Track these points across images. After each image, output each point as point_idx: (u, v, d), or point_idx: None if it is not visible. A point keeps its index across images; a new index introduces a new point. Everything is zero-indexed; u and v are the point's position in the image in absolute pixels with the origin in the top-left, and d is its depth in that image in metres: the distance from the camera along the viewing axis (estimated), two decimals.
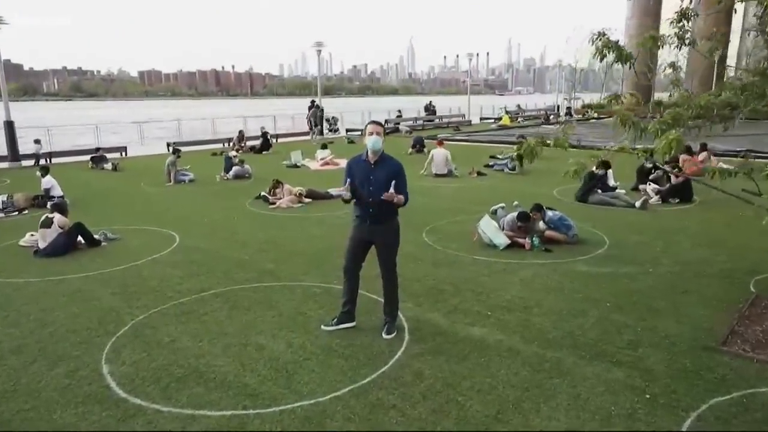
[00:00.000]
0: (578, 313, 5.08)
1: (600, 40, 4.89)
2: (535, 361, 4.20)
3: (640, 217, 9.05)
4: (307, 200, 10.28)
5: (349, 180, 4.46)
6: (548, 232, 7.33)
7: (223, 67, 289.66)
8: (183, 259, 6.94)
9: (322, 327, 4.84)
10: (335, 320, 4.85)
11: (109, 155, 17.17)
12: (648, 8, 49.36)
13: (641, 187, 10.76)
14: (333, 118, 28.57)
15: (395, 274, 4.75)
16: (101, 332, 4.83)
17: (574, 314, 5.07)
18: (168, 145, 20.29)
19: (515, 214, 7.53)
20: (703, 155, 13.26)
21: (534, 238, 7.15)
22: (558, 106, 41.43)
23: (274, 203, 10.07)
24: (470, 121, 34.20)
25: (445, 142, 15.19)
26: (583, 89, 44.12)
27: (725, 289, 5.65)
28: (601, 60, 5.18)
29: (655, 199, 9.85)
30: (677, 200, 9.89)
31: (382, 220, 4.53)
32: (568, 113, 35.90)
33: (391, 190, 4.29)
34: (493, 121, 34.27)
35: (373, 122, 4.58)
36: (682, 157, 12.52)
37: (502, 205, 9.04)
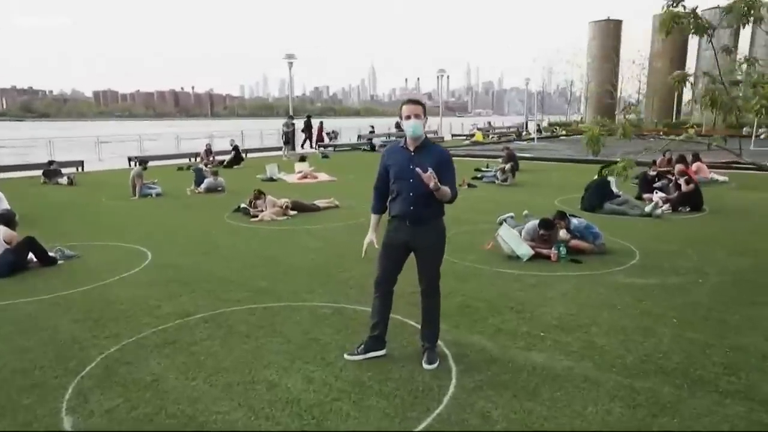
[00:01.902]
0: (646, 332, 4.29)
1: (672, 7, 4.17)
2: (623, 393, 3.35)
3: (659, 226, 8.45)
4: (292, 212, 9.29)
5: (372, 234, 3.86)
6: (574, 241, 6.58)
7: (182, 88, 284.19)
8: (158, 277, 5.85)
9: (346, 356, 3.88)
10: (361, 347, 3.90)
11: (64, 170, 15.71)
12: (609, 30, 50.79)
13: (645, 196, 10.24)
14: (333, 131, 29.35)
15: (438, 289, 3.85)
16: (60, 371, 3.73)
17: (643, 333, 4.27)
18: (130, 159, 18.91)
19: (536, 222, 6.76)
20: (696, 165, 12.94)
21: (561, 248, 6.39)
22: (526, 124, 41.71)
23: (255, 216, 9.04)
24: (443, 137, 33.96)
25: None
26: (540, 111, 44.44)
27: None
28: (667, 35, 4.52)
29: (665, 207, 9.30)
30: (688, 209, 9.37)
31: (425, 219, 3.65)
32: (538, 130, 36.02)
33: (431, 175, 3.35)
34: (465, 137, 34.15)
35: (410, 102, 3.68)
36: (679, 167, 12.14)
37: (511, 214, 8.30)
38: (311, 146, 25.79)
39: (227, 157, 18.32)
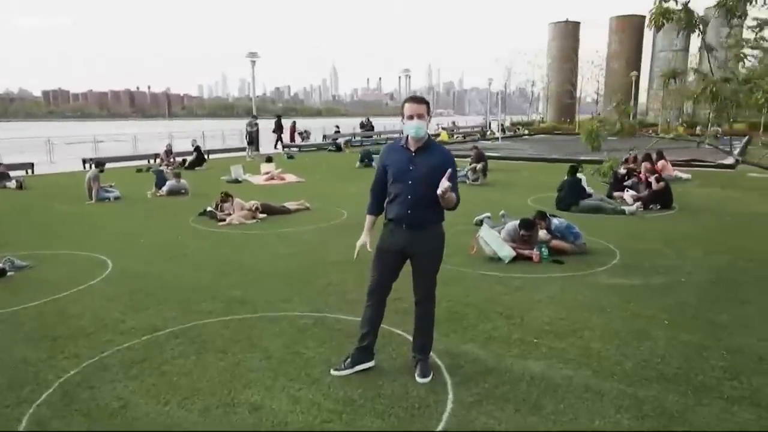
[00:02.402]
0: (640, 335, 4.18)
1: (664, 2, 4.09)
2: (629, 403, 3.20)
3: (633, 224, 8.47)
4: (261, 215, 8.92)
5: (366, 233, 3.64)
6: (555, 242, 6.48)
7: (138, 87, 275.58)
8: (121, 288, 5.43)
9: (333, 372, 3.62)
10: (348, 361, 3.65)
11: (12, 173, 14.80)
12: (567, 31, 51.89)
13: (617, 194, 10.31)
14: (306, 131, 29.48)
15: (434, 298, 3.64)
16: (12, 400, 3.33)
17: (637, 337, 4.15)
18: (84, 161, 18.03)
19: (516, 222, 6.63)
20: (661, 164, 13.16)
21: (543, 249, 6.27)
22: (489, 123, 42.12)
23: (223, 219, 8.63)
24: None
25: None
26: (503, 111, 45.02)
27: None
28: (658, 30, 4.43)
29: (637, 205, 9.35)
30: (658, 206, 9.46)
31: (423, 224, 3.41)
32: (501, 129, 36.37)
33: (444, 182, 3.13)
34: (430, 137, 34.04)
35: (414, 100, 3.40)
36: (645, 165, 12.32)
37: (488, 214, 8.18)
38: (283, 146, 25.32)
39: (189, 158, 17.67)
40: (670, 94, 42.70)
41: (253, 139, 21.83)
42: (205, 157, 18.27)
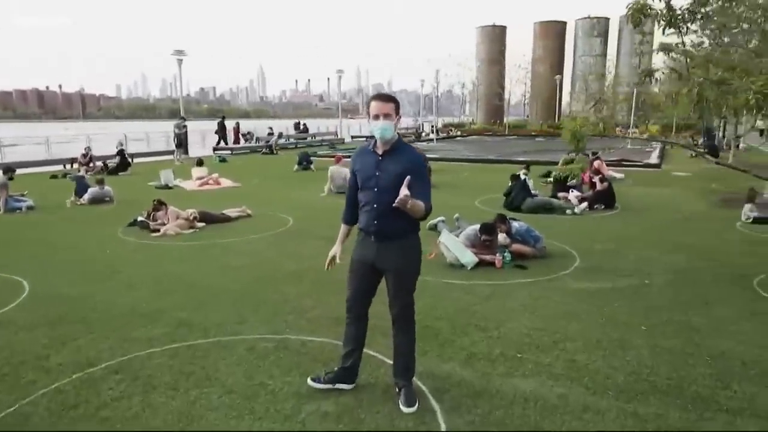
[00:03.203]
0: (622, 344, 4.03)
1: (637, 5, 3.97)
2: (632, 423, 3.00)
3: (581, 224, 8.53)
4: (200, 224, 8.24)
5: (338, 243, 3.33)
6: (515, 246, 6.33)
7: (47, 87, 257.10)
8: (42, 316, 4.68)
9: (309, 381, 3.36)
10: (330, 375, 3.36)
11: None
12: (494, 35, 53.38)
13: (561, 194, 10.41)
14: (249, 132, 29.15)
15: (412, 319, 3.29)
16: None
17: (619, 346, 4.00)
18: None
19: (476, 226, 6.42)
20: (597, 163, 13.52)
21: (506, 254, 6.10)
22: (422, 125, 42.48)
23: (157, 230, 7.88)
24: (343, 139, 33.46)
25: (343, 158, 13.71)
26: (435, 113, 45.70)
27: (739, 295, 5.11)
28: (636, 26, 4.33)
29: (584, 205, 9.47)
30: (602, 206, 9.62)
31: (392, 235, 3.06)
32: (435, 131, 36.76)
33: (404, 190, 2.77)
34: (365, 138, 33.85)
35: (380, 98, 3.04)
36: (589, 166, 12.62)
37: (442, 218, 7.92)
38: (232, 149, 24.35)
39: (112, 162, 16.38)
40: (590, 98, 44.94)
41: (181, 142, 20.61)
42: (130, 161, 17.00)
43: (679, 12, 4.59)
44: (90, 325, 4.45)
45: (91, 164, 16.32)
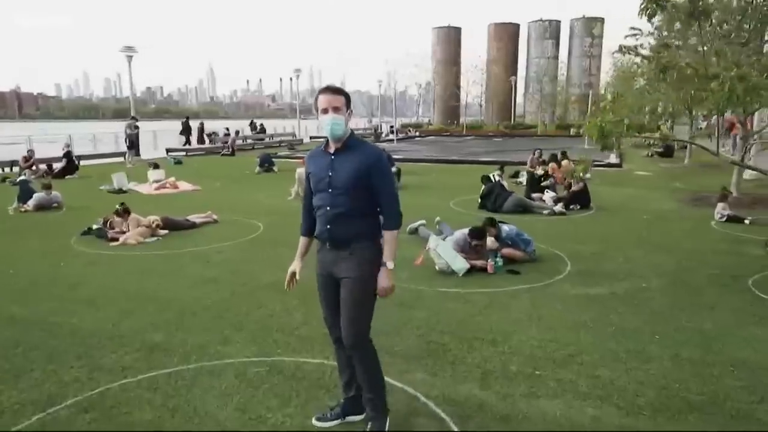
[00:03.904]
0: (642, 356, 3.81)
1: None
2: None
3: (561, 225, 8.41)
4: (162, 232, 7.63)
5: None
6: (506, 250, 6.09)
7: None
8: None
9: (315, 422, 2.94)
10: (337, 409, 2.98)
11: None
12: (450, 36, 53.75)
13: (535, 195, 10.30)
14: (214, 133, 28.15)
15: (365, 345, 2.77)
16: None
17: (639, 358, 3.78)
18: None
19: (465, 231, 6.14)
20: (565, 163, 13.58)
21: (497, 259, 5.84)
22: (381, 125, 42.24)
23: (116, 239, 7.23)
24: (302, 140, 32.79)
25: None
26: (390, 114, 45.69)
27: (738, 298, 5.00)
28: (650, 19, 4.13)
29: (560, 205, 9.37)
30: (578, 206, 9.55)
31: (346, 242, 2.70)
32: (393, 131, 36.58)
33: (382, 281, 2.67)
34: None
35: (328, 90, 2.70)
36: (552, 165, 12.64)
37: (422, 222, 7.62)
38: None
39: (58, 165, 15.29)
40: (545, 98, 45.88)
41: (133, 143, 19.58)
42: (77, 163, 15.93)
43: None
44: (48, 353, 3.89)
45: (34, 167, 15.20)
